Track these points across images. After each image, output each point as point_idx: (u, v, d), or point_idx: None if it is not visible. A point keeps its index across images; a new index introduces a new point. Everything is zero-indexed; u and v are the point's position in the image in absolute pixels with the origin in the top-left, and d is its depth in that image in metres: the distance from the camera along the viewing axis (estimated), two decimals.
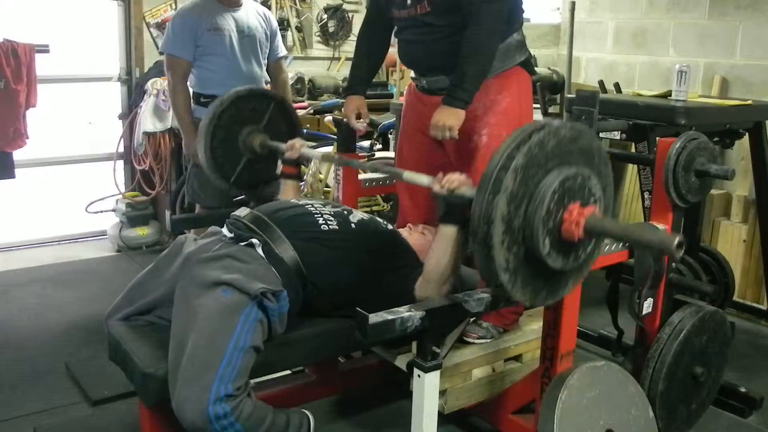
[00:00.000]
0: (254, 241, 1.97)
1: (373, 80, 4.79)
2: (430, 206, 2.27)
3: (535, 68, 2.77)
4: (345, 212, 2.19)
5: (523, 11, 2.45)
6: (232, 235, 2.02)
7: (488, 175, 1.53)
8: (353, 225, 2.14)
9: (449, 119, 2.20)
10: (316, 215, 2.11)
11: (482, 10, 2.17)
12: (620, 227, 1.61)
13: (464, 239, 1.93)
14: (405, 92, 2.68)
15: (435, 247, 1.99)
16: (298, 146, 2.50)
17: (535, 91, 2.84)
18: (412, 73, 2.57)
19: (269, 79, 3.51)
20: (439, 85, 2.39)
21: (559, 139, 1.58)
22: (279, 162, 2.61)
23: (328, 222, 2.09)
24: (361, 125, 2.60)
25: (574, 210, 1.58)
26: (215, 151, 2.64)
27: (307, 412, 1.98)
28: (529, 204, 1.56)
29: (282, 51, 3.50)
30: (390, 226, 2.29)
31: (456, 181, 1.90)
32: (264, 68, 3.40)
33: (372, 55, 2.64)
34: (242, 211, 2.12)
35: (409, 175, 2.13)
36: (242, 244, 1.97)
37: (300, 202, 2.22)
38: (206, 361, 1.72)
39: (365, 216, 2.24)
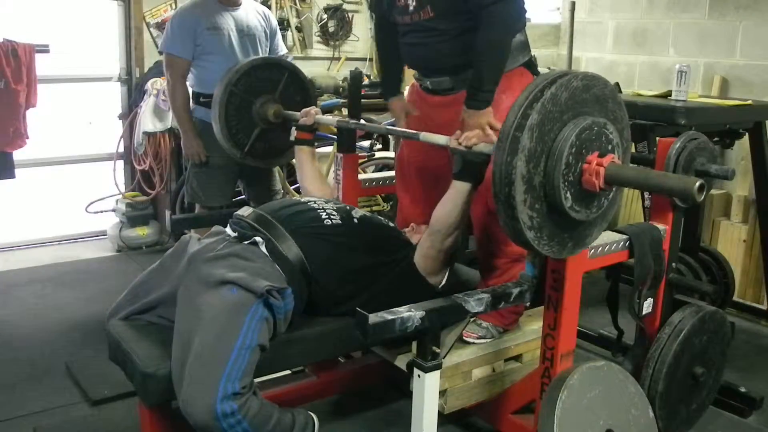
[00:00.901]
0: (258, 239, 1.98)
1: (373, 80, 4.83)
2: (430, 204, 2.27)
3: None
4: (347, 208, 2.21)
5: (525, 11, 2.45)
6: (235, 234, 2.03)
7: (504, 135, 1.53)
8: (356, 220, 2.16)
9: (481, 119, 2.20)
10: (318, 210, 2.12)
11: (493, 12, 2.17)
12: (640, 173, 1.62)
13: (463, 242, 1.94)
14: (407, 92, 2.68)
15: (446, 200, 2.03)
16: (313, 113, 2.56)
17: None
18: (414, 73, 2.57)
19: None
20: (443, 86, 2.40)
21: (571, 91, 1.58)
22: (293, 129, 2.64)
23: (331, 217, 2.11)
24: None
25: (593, 161, 1.59)
26: (229, 120, 2.67)
27: (312, 414, 1.98)
28: (547, 160, 1.56)
29: (282, 49, 3.50)
30: (391, 224, 2.31)
31: (474, 137, 1.93)
32: None
33: (395, 56, 2.60)
34: (245, 210, 2.13)
35: (425, 136, 2.17)
36: (246, 242, 1.98)
37: (302, 200, 2.23)
38: (213, 360, 1.72)
39: (367, 213, 2.26)
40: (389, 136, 4.15)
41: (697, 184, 1.48)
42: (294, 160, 2.68)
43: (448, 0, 2.24)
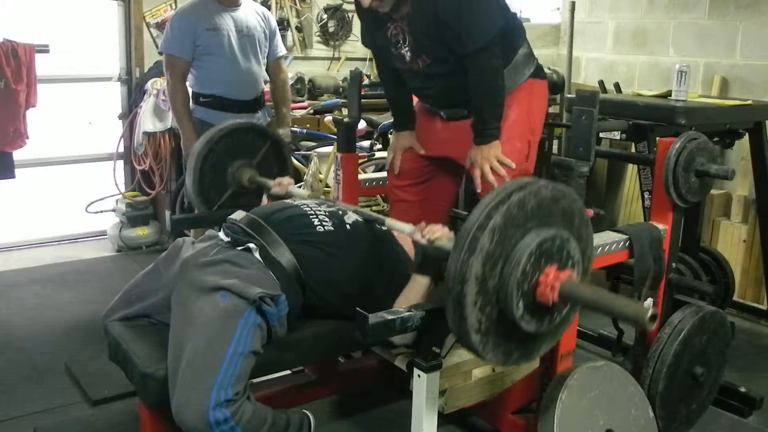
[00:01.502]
0: (251, 245, 1.96)
1: (373, 80, 4.82)
2: (425, 205, 2.28)
3: None
4: (340, 212, 2.18)
5: (520, 22, 2.44)
6: (229, 239, 2.01)
7: (465, 233, 1.49)
8: (348, 226, 2.13)
9: (490, 151, 2.25)
10: (311, 216, 2.11)
11: (475, 61, 2.21)
12: (594, 294, 1.55)
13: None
14: (415, 103, 2.67)
15: (405, 293, 2.00)
16: (285, 183, 2.51)
17: None
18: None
19: (269, 79, 3.51)
20: (458, 115, 2.42)
21: (539, 200, 1.55)
22: (264, 197, 2.61)
23: (324, 223, 2.09)
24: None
25: (551, 273, 1.54)
26: (204, 176, 2.62)
27: (307, 412, 1.98)
28: (505, 265, 1.52)
29: (281, 50, 3.50)
30: (384, 228, 2.29)
31: (438, 231, 1.90)
32: (263, 68, 3.40)
33: (400, 91, 2.61)
34: (238, 215, 2.11)
35: (390, 222, 2.12)
36: (239, 248, 1.97)
37: (295, 203, 2.21)
38: (206, 367, 1.71)
39: (359, 217, 2.24)
40: (389, 139, 4.15)
41: (649, 313, 1.42)
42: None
43: (439, 49, 2.26)
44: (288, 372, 2.51)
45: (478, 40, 2.18)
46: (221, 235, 2.05)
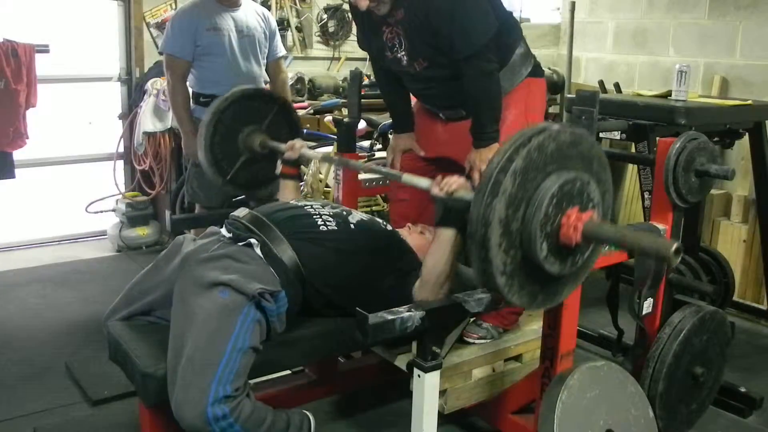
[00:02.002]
0: (252, 241, 1.96)
1: (373, 80, 4.81)
2: (424, 201, 2.28)
3: None
4: (344, 213, 2.19)
5: (516, 20, 2.44)
6: (230, 235, 2.02)
7: (487, 177, 1.52)
8: (352, 226, 2.14)
9: (489, 154, 2.22)
10: (315, 216, 2.11)
11: (469, 66, 2.21)
12: (618, 232, 1.59)
13: (463, 243, 1.92)
14: (414, 104, 2.68)
15: (433, 249, 1.98)
16: (298, 146, 2.50)
17: None
18: None
19: (268, 79, 3.51)
20: (457, 116, 2.43)
21: (558, 143, 1.57)
22: (278, 162, 2.60)
23: (327, 223, 2.09)
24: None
25: (573, 214, 1.56)
26: (214, 146, 2.63)
27: (307, 412, 1.98)
28: (527, 207, 1.54)
29: (281, 51, 3.50)
30: (389, 227, 2.29)
31: (455, 183, 1.89)
32: (263, 68, 3.40)
33: (398, 93, 2.61)
34: (241, 212, 2.12)
35: (407, 178, 2.12)
36: (240, 244, 1.97)
37: (299, 203, 2.21)
38: (204, 363, 1.71)
39: (365, 216, 2.24)
40: (389, 138, 4.15)
41: (674, 246, 1.43)
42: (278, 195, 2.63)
43: (434, 53, 2.26)
44: (288, 372, 2.51)
45: (472, 45, 2.18)
46: (223, 231, 2.05)
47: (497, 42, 2.24)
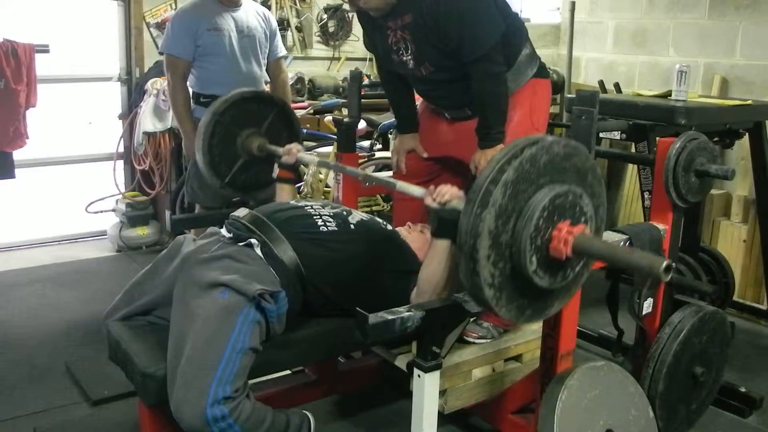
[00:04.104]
0: (253, 241, 1.97)
1: (373, 80, 4.82)
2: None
3: None
4: (344, 213, 2.19)
5: (522, 22, 2.45)
6: (230, 235, 2.02)
7: (477, 188, 1.50)
8: (352, 226, 2.14)
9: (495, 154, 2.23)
10: (315, 216, 2.11)
11: (477, 69, 2.23)
12: (608, 248, 1.56)
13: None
14: (419, 106, 2.68)
15: (428, 260, 1.98)
16: (295, 151, 2.50)
17: None
18: None
19: (269, 79, 3.51)
20: (463, 115, 2.44)
21: (552, 156, 1.55)
22: (275, 166, 2.60)
23: (327, 223, 2.09)
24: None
25: (564, 228, 1.54)
26: (213, 148, 2.63)
27: (307, 412, 1.98)
28: (517, 220, 1.52)
29: (281, 51, 3.50)
30: (389, 227, 2.29)
31: (447, 194, 1.88)
32: (264, 68, 3.40)
33: (402, 94, 2.63)
34: (241, 212, 2.12)
35: (401, 186, 2.13)
36: (241, 244, 1.97)
37: (299, 204, 2.21)
38: (204, 363, 1.71)
39: (365, 216, 2.24)
40: (389, 138, 4.16)
41: (664, 264, 1.41)
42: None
43: (441, 57, 2.27)
44: (288, 372, 2.51)
45: (481, 48, 2.20)
46: (223, 231, 2.05)
47: (503, 44, 2.25)
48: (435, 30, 2.20)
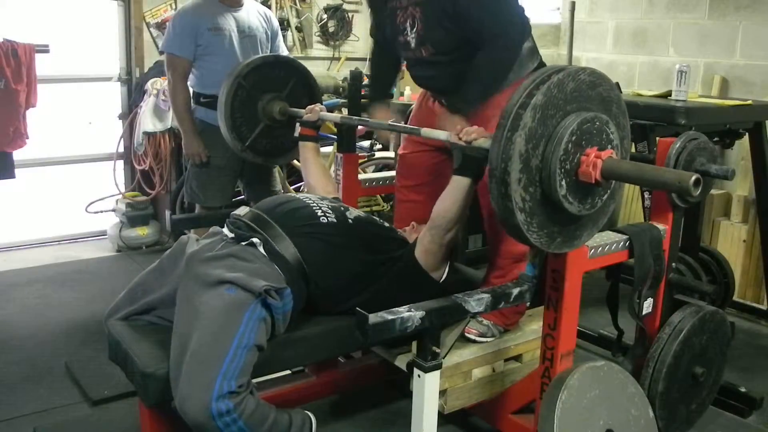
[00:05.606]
0: (255, 240, 1.98)
1: None
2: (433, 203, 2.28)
3: None
4: (342, 208, 2.21)
5: (528, 19, 2.45)
6: (233, 234, 2.03)
7: (508, 111, 1.53)
8: (350, 221, 2.15)
9: (455, 120, 2.21)
10: (314, 207, 2.13)
11: (493, 43, 2.21)
12: (637, 168, 1.60)
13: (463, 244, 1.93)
14: (418, 96, 2.68)
15: (446, 195, 2.02)
16: (317, 109, 2.58)
17: None
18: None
19: None
20: (459, 104, 2.42)
21: (578, 83, 1.59)
22: (297, 125, 2.65)
23: (327, 215, 2.11)
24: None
25: (592, 153, 1.59)
26: (234, 111, 2.68)
27: (309, 413, 1.98)
28: (547, 144, 1.56)
29: (283, 51, 3.50)
30: (387, 224, 2.31)
31: (474, 132, 1.92)
32: None
33: (388, 73, 2.68)
34: (242, 210, 2.14)
35: (426, 132, 2.17)
36: (243, 243, 1.98)
37: (298, 196, 2.24)
38: (210, 358, 1.72)
39: (362, 214, 2.26)
40: (390, 134, 4.15)
41: (693, 178, 1.46)
42: (295, 161, 2.69)
43: (446, 39, 2.27)
44: (288, 372, 2.51)
45: (500, 24, 2.20)
46: (225, 231, 2.06)
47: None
48: (449, 10, 2.19)
